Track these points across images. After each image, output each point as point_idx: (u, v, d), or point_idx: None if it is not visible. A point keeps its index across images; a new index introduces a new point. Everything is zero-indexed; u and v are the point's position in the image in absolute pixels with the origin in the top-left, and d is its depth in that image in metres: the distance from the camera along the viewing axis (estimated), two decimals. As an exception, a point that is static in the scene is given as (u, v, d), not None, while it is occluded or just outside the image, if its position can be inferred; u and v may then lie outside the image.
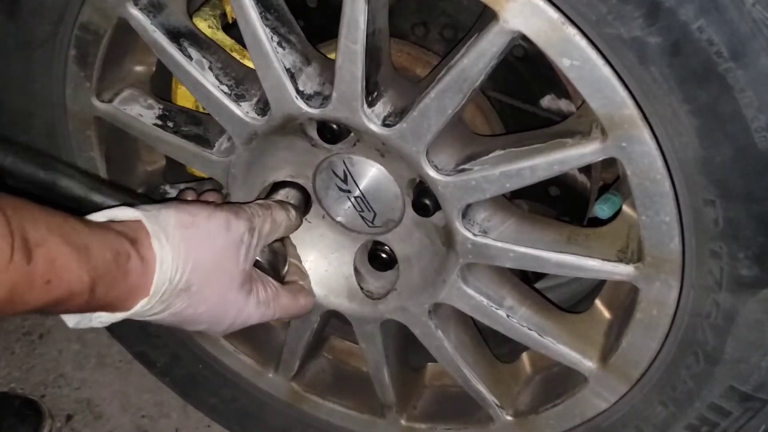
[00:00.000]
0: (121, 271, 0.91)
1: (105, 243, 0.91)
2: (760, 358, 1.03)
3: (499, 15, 0.91)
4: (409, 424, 1.44)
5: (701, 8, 0.81)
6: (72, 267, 0.85)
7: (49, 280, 0.82)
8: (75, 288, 0.86)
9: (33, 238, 0.81)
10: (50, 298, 0.84)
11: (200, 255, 1.00)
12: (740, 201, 0.92)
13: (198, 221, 1.01)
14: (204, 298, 1.01)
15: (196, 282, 0.99)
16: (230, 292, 1.04)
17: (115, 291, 0.91)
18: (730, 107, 0.85)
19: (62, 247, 0.85)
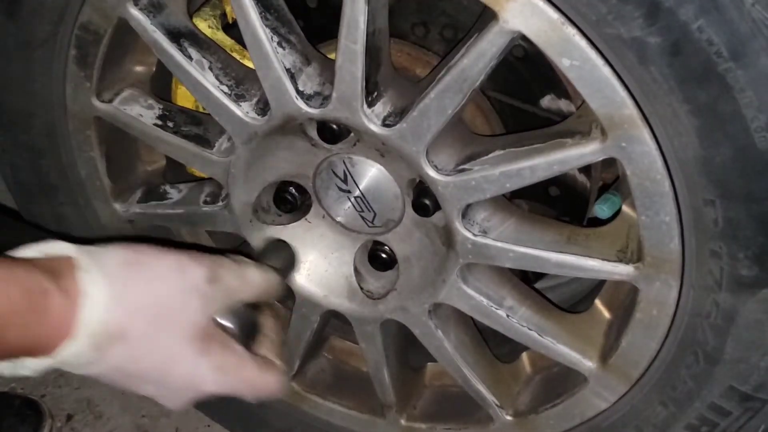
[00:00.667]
0: (36, 311, 0.80)
1: (11, 280, 0.80)
2: (759, 358, 1.03)
3: (498, 15, 0.91)
4: (409, 423, 1.44)
5: (701, 8, 0.81)
6: None
7: None
8: None
9: None
10: None
11: (141, 297, 0.87)
12: (740, 201, 0.92)
13: (144, 260, 0.90)
14: (145, 350, 0.88)
15: (134, 329, 0.86)
16: (177, 347, 0.89)
17: (31, 333, 0.80)
18: (729, 107, 0.85)
19: None
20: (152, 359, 0.89)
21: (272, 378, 0.99)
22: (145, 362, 0.89)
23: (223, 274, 0.95)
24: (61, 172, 1.38)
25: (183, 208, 1.36)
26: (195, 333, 0.90)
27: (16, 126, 1.35)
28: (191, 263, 0.92)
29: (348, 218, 1.25)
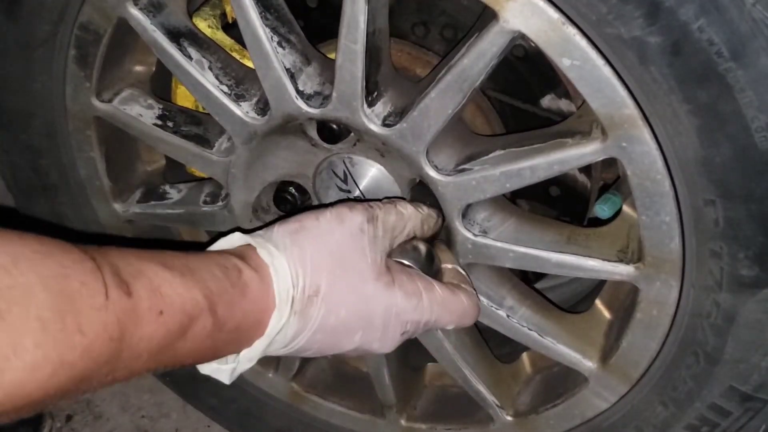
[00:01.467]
0: (237, 287, 0.85)
1: (208, 261, 0.85)
2: (760, 358, 1.03)
3: (499, 15, 0.91)
4: (409, 424, 1.44)
5: (701, 8, 0.81)
6: (181, 290, 0.79)
7: (161, 310, 0.76)
8: (192, 311, 0.79)
9: (127, 272, 0.75)
10: (169, 329, 0.77)
11: (317, 254, 0.92)
12: (740, 201, 0.91)
13: (305, 224, 0.95)
14: (339, 299, 0.92)
15: (323, 283, 0.91)
16: (366, 286, 0.94)
17: (239, 310, 0.85)
18: (730, 107, 0.85)
19: (163, 273, 0.78)
20: (348, 305, 0.93)
21: (465, 299, 1.03)
22: (343, 310, 0.93)
23: (379, 213, 0.99)
24: (60, 172, 1.38)
25: (183, 208, 1.36)
26: (377, 270, 0.95)
27: (15, 126, 1.35)
28: (347, 211, 0.97)
29: (348, 218, 1.24)
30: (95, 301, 0.71)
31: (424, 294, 0.98)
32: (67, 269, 0.70)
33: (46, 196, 1.42)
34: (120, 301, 0.72)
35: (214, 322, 0.82)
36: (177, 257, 0.83)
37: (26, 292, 0.66)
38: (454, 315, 1.02)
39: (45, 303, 0.66)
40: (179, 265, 0.81)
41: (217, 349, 0.86)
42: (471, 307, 1.04)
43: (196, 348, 0.82)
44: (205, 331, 0.81)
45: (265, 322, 0.88)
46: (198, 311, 0.80)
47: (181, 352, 0.81)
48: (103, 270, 0.72)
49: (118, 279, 0.73)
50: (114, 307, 0.72)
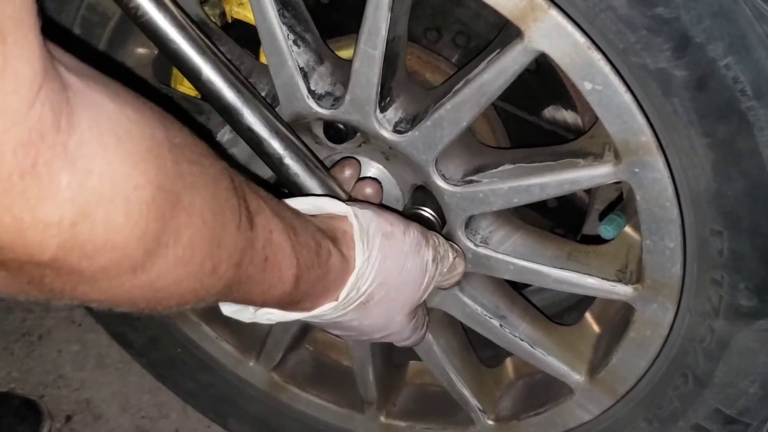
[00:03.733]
0: (322, 268, 0.83)
1: (308, 229, 0.83)
2: (748, 384, 1.05)
3: (524, 34, 0.91)
4: (388, 421, 1.45)
5: (730, 46, 0.81)
6: (285, 247, 0.77)
7: (266, 257, 0.74)
8: (284, 275, 0.78)
9: (253, 204, 0.72)
10: (264, 281, 0.75)
11: (391, 270, 0.93)
12: (747, 235, 0.93)
13: (396, 233, 0.94)
14: (375, 314, 0.95)
15: (377, 297, 0.92)
16: (399, 315, 0.98)
17: (313, 289, 0.84)
18: (748, 144, 0.86)
19: (276, 221, 0.76)
20: (374, 321, 0.96)
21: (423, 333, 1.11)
22: (368, 321, 0.96)
23: (443, 256, 1.03)
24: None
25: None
26: (414, 306, 1.01)
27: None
28: (424, 243, 0.99)
29: (346, 217, 1.24)
30: (234, 219, 0.68)
31: (420, 330, 1.08)
32: (218, 175, 0.67)
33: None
34: (246, 230, 0.70)
35: (292, 290, 0.81)
36: (286, 209, 0.81)
37: (194, 184, 0.62)
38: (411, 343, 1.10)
39: (207, 201, 0.63)
40: (287, 219, 0.79)
41: (276, 305, 0.86)
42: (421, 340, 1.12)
43: (266, 300, 0.82)
44: (281, 294, 0.81)
45: (319, 304, 0.88)
46: (287, 275, 0.79)
47: (254, 298, 0.79)
48: (238, 191, 0.70)
49: (247, 207, 0.71)
50: (243, 233, 0.69)
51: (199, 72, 0.94)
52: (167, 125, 0.61)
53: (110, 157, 0.54)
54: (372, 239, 0.91)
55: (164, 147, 0.59)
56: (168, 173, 0.58)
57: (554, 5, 0.87)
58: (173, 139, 0.60)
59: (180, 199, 0.60)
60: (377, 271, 0.91)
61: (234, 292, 0.73)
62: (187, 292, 0.65)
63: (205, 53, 0.93)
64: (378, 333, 1.00)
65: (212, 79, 0.95)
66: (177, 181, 0.59)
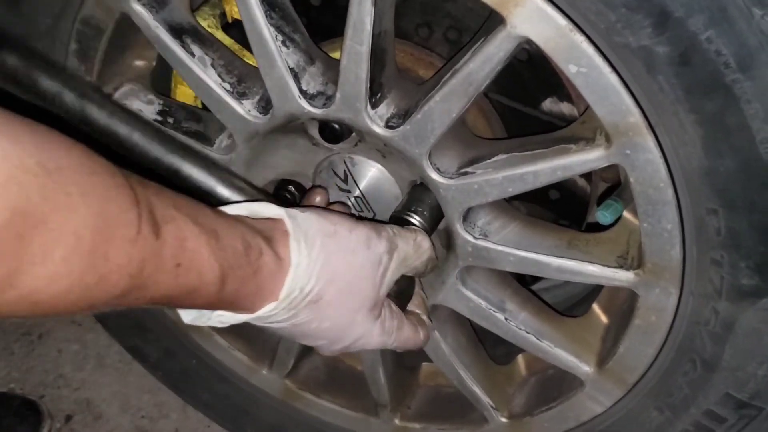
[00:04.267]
0: (252, 266, 0.84)
1: (235, 232, 0.84)
2: (757, 367, 1.04)
3: (506, 20, 0.91)
4: (402, 423, 1.44)
5: (710, 19, 0.81)
6: (202, 252, 0.78)
7: (179, 263, 0.75)
8: (205, 277, 0.79)
9: (161, 214, 0.73)
10: (179, 285, 0.77)
11: (337, 267, 0.93)
12: (743, 211, 0.92)
13: (340, 231, 0.95)
14: (332, 314, 0.94)
15: (328, 296, 0.93)
16: (359, 314, 0.97)
17: (245, 289, 0.85)
18: (736, 118, 0.85)
19: (192, 227, 0.77)
20: (334, 321, 0.96)
21: (422, 334, 1.10)
22: (326, 324, 0.95)
23: (400, 244, 1.02)
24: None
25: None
26: (374, 302, 0.99)
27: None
28: (375, 236, 0.99)
29: (347, 218, 1.24)
30: (128, 232, 0.69)
31: (394, 333, 1.03)
32: (110, 192, 0.68)
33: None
34: (148, 240, 0.71)
35: (219, 292, 0.82)
36: (208, 215, 0.82)
37: (70, 204, 0.64)
38: (407, 346, 1.08)
39: (84, 220, 0.65)
40: (208, 225, 0.80)
41: (208, 306, 0.87)
42: (425, 340, 1.10)
43: (191, 305, 0.83)
44: (207, 297, 0.82)
45: (260, 306, 0.89)
46: (210, 278, 0.80)
47: (178, 303, 0.81)
48: (141, 204, 0.71)
49: (152, 217, 0.72)
50: (141, 245, 0.71)
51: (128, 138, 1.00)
52: (44, 150, 0.63)
53: None
54: (312, 239, 0.92)
55: (31, 173, 0.61)
56: (31, 198, 0.61)
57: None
58: (47, 164, 0.62)
59: (45, 221, 0.62)
60: (321, 269, 0.91)
61: (140, 297, 0.74)
62: (73, 303, 0.68)
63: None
64: (345, 337, 0.99)
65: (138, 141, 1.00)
66: (43, 204, 0.61)
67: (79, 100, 0.99)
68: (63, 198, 0.63)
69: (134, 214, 0.70)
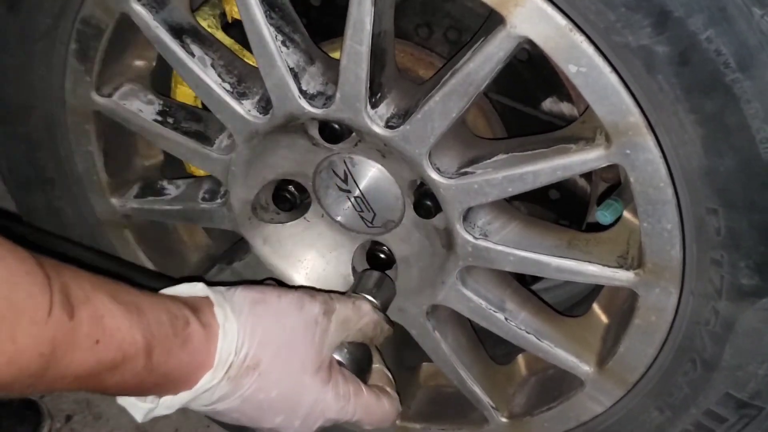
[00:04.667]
0: (179, 337, 0.86)
1: (158, 305, 0.86)
2: (757, 366, 1.04)
3: (506, 20, 0.91)
4: (403, 423, 1.44)
5: (710, 19, 0.81)
6: (122, 326, 0.80)
7: (97, 340, 0.77)
8: (128, 350, 0.80)
9: (76, 295, 0.76)
10: (101, 360, 0.78)
11: (269, 331, 0.94)
12: (743, 211, 0.92)
13: (267, 298, 0.97)
14: (276, 379, 0.95)
15: (265, 359, 0.93)
16: (304, 377, 0.97)
17: (175, 359, 0.86)
18: (735, 118, 0.85)
19: (110, 305, 0.79)
20: (281, 388, 0.95)
21: (387, 404, 1.08)
22: (274, 391, 0.95)
23: (338, 306, 1.03)
24: (58, 166, 1.37)
25: (180, 204, 1.35)
26: (319, 363, 0.98)
27: (14, 118, 1.34)
28: (308, 299, 1.00)
29: (347, 218, 1.24)
30: (36, 316, 0.72)
31: (352, 398, 1.02)
32: (17, 277, 0.71)
33: (42, 190, 1.41)
34: (60, 321, 0.74)
35: (146, 364, 0.83)
36: (129, 293, 0.84)
37: None
38: (374, 419, 1.06)
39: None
40: (129, 301, 0.82)
41: (143, 388, 0.88)
42: (392, 412, 1.09)
43: (123, 382, 0.84)
44: (135, 370, 0.83)
45: (197, 377, 0.89)
46: (133, 350, 0.81)
47: (107, 383, 0.82)
48: (53, 287, 0.73)
49: (65, 299, 0.74)
50: (53, 326, 0.73)
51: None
52: None
53: None
54: (239, 306, 0.94)
55: None
56: None
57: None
58: None
59: None
60: (252, 332, 0.93)
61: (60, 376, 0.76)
62: None
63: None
64: (299, 405, 0.98)
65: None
66: None
67: None
68: None
69: (45, 297, 0.72)
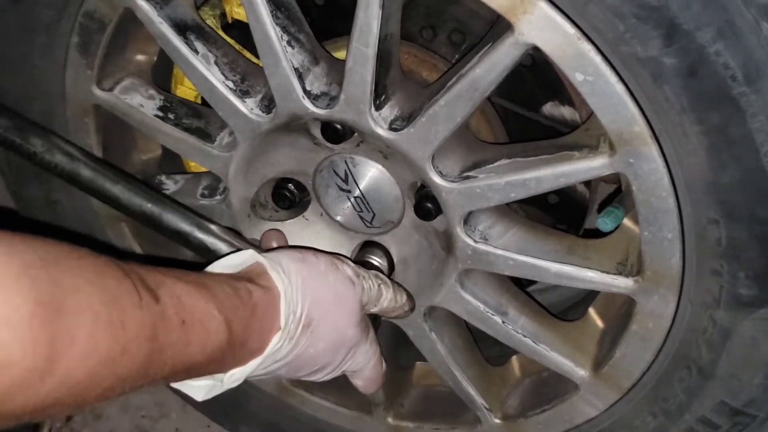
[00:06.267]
0: (247, 306, 0.87)
1: (219, 279, 0.88)
2: (752, 375, 1.05)
3: (514, 27, 0.91)
4: (396, 422, 1.44)
5: (719, 32, 0.81)
6: (199, 304, 0.80)
7: (183, 320, 0.77)
8: (210, 326, 0.81)
9: (151, 280, 0.76)
10: (190, 341, 0.78)
11: (317, 288, 0.97)
12: (744, 222, 0.92)
13: (307, 258, 1.00)
14: (324, 334, 0.98)
15: (316, 316, 0.96)
16: (348, 330, 1.02)
17: (249, 328, 0.86)
18: (741, 131, 0.86)
19: (182, 285, 0.80)
20: (327, 341, 0.99)
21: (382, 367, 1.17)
22: (321, 345, 0.98)
23: (364, 272, 1.08)
24: (56, 158, 1.36)
25: (179, 199, 1.34)
26: (359, 317, 1.04)
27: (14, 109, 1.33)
28: (340, 262, 1.04)
29: (346, 217, 1.24)
30: (132, 301, 0.71)
31: (377, 350, 1.11)
32: (104, 269, 0.71)
33: (40, 182, 1.41)
34: (150, 305, 0.74)
35: (229, 337, 0.83)
36: (190, 273, 0.84)
37: (76, 286, 0.67)
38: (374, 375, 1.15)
39: (94, 296, 0.68)
40: (193, 280, 0.83)
41: (224, 363, 0.87)
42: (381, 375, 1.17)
43: (209, 361, 0.83)
44: (219, 345, 0.82)
45: (267, 343, 0.90)
46: (215, 325, 0.81)
47: (196, 364, 0.81)
48: (131, 275, 0.73)
49: (145, 285, 0.74)
50: (147, 309, 0.73)
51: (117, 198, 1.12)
52: (36, 247, 0.67)
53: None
54: (287, 267, 0.95)
55: (35, 266, 0.64)
56: (44, 287, 0.64)
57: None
58: (45, 256, 0.66)
59: (63, 304, 0.65)
60: (303, 291, 0.95)
61: (162, 362, 0.76)
62: (104, 380, 0.70)
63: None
64: (338, 356, 1.03)
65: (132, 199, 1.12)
66: (56, 290, 0.65)
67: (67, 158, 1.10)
68: (70, 280, 0.67)
69: (130, 283, 0.72)
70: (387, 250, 1.25)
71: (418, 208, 1.14)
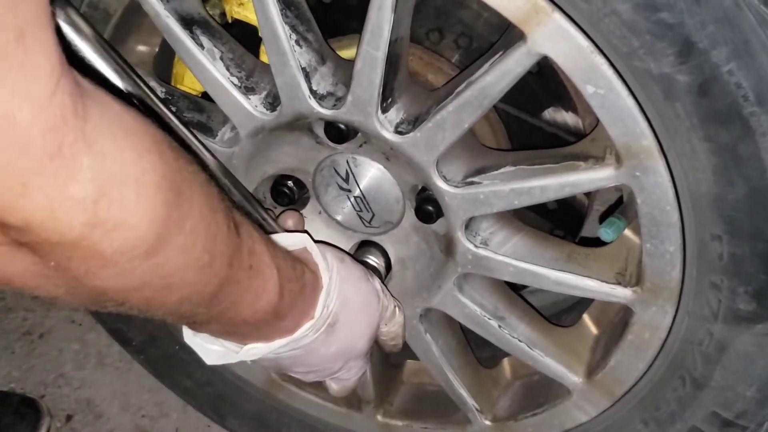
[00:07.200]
0: (299, 282, 0.87)
1: (282, 249, 0.88)
2: (746, 388, 1.06)
3: (527, 37, 0.91)
4: (385, 420, 1.45)
5: (733, 52, 0.82)
6: (265, 259, 0.80)
7: (251, 264, 0.77)
8: (269, 284, 0.81)
9: (236, 216, 0.76)
10: (250, 290, 0.78)
11: (349, 292, 0.98)
12: (747, 239, 0.93)
13: (347, 259, 1.01)
14: (340, 338, 0.98)
15: (341, 319, 0.97)
16: (361, 341, 1.03)
17: (294, 305, 0.87)
18: (749, 149, 0.86)
19: (256, 234, 0.80)
20: (340, 346, 1.00)
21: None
22: (334, 347, 0.99)
23: (386, 291, 1.10)
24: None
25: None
26: (374, 331, 1.06)
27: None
28: (371, 274, 1.07)
29: (345, 216, 1.24)
30: (225, 221, 0.72)
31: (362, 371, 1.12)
32: (209, 183, 0.71)
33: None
34: (234, 235, 0.74)
35: (277, 304, 0.83)
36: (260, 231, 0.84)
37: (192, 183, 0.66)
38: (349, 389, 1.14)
39: (203, 199, 0.68)
40: (264, 236, 0.83)
41: (254, 331, 0.87)
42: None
43: (256, 311, 0.83)
44: (266, 308, 0.82)
45: (299, 326, 0.90)
46: (272, 284, 0.81)
47: (238, 319, 0.81)
48: (225, 202, 0.73)
49: (233, 216, 0.74)
50: (231, 237, 0.73)
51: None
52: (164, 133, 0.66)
53: (120, 144, 0.58)
54: (330, 262, 0.96)
55: (165, 144, 0.64)
56: (170, 166, 0.63)
57: (558, 9, 0.87)
58: (170, 142, 0.65)
59: (181, 191, 0.64)
60: (338, 290, 0.96)
61: (226, 296, 0.75)
62: (188, 284, 0.69)
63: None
64: (336, 365, 1.03)
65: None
66: (178, 175, 0.64)
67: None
68: (188, 175, 0.66)
69: (225, 206, 0.72)
70: (384, 250, 1.25)
71: (419, 211, 1.14)
